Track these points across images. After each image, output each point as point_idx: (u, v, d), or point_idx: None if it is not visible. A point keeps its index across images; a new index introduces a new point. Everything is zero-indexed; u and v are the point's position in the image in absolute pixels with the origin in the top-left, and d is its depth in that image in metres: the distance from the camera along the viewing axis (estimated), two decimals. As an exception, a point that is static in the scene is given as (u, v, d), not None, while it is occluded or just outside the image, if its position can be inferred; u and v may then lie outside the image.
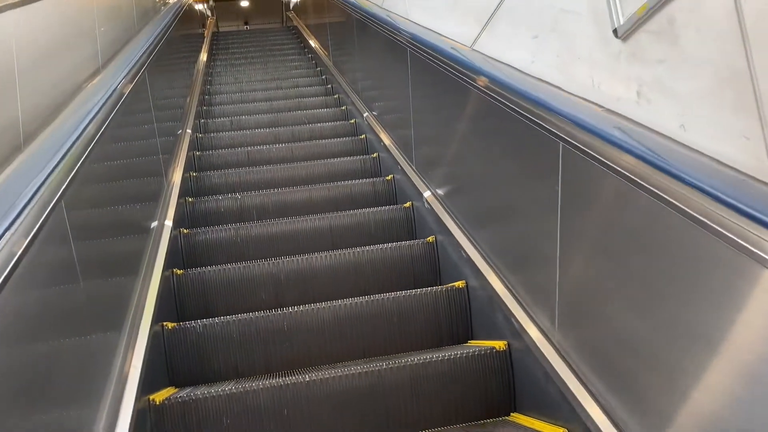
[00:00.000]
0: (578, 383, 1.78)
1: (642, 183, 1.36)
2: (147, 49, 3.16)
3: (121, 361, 1.90)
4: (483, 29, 2.39)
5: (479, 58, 2.36)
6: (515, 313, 2.16)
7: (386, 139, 4.04)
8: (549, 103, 1.79)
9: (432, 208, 3.07)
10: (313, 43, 8.04)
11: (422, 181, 3.31)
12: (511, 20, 2.22)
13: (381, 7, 3.97)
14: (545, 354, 1.94)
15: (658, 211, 1.31)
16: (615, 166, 1.46)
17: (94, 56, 2.54)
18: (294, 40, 9.75)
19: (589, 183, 1.64)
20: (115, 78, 2.43)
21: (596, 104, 1.61)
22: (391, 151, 3.86)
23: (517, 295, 2.20)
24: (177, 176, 3.55)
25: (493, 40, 2.34)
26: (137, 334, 2.10)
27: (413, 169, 3.46)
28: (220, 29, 11.59)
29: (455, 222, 2.82)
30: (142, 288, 2.34)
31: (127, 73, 2.58)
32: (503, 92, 2.07)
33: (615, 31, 1.53)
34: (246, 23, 12.27)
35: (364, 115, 4.73)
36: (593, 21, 1.65)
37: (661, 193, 1.29)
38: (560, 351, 1.89)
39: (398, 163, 3.70)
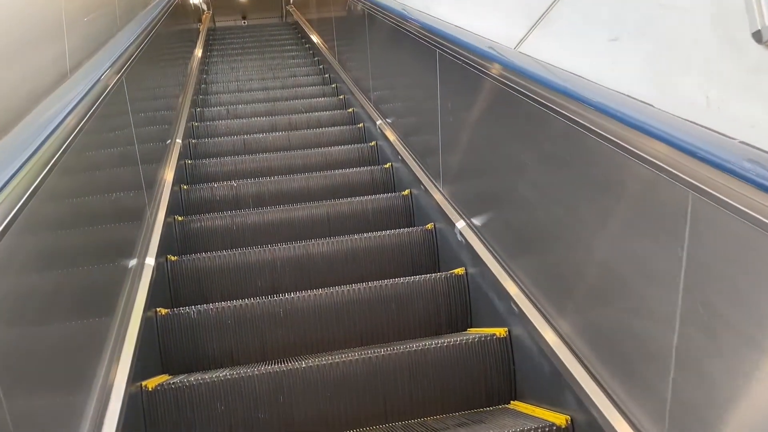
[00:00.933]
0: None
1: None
2: (127, 49, 2.70)
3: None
4: (532, 28, 1.98)
5: (539, 66, 1.87)
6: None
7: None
8: (677, 139, 1.20)
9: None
10: (315, 38, 7.42)
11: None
12: (575, 17, 1.84)
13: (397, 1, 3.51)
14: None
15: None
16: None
17: (60, 57, 2.09)
18: (294, 36, 9.05)
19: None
20: (81, 87, 1.94)
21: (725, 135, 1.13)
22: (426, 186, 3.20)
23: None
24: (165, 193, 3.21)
25: (546, 41, 1.92)
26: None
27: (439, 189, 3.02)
28: (217, 24, 11.01)
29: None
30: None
31: (98, 80, 2.10)
32: (586, 114, 1.54)
33: (757, 34, 1.14)
34: (244, 18, 11.94)
35: (378, 123, 4.13)
36: (712, 20, 1.30)
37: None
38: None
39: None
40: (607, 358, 1.63)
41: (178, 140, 3.94)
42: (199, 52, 6.82)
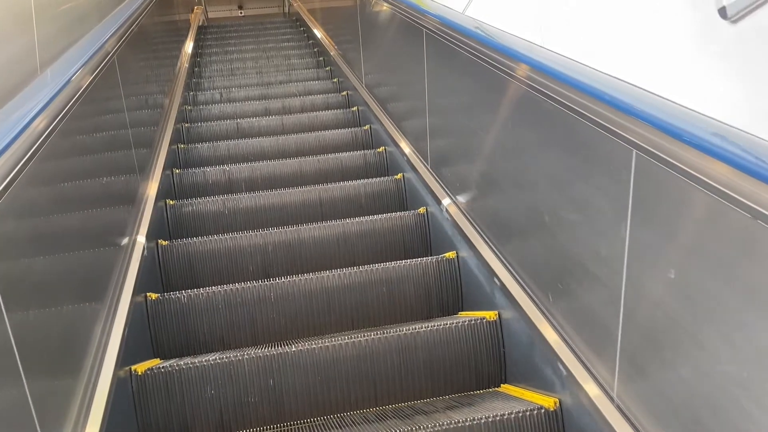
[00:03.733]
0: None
1: None
2: (99, 51, 2.33)
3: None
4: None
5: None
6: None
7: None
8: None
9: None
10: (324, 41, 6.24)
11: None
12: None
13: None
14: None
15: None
16: None
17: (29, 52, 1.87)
18: (297, 31, 7.83)
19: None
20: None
21: None
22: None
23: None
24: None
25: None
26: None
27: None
28: (210, 15, 9.79)
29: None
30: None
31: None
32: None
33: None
34: (240, 7, 10.99)
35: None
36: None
37: None
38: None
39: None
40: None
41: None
42: (189, 47, 6.00)
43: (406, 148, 3.38)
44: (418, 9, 2.88)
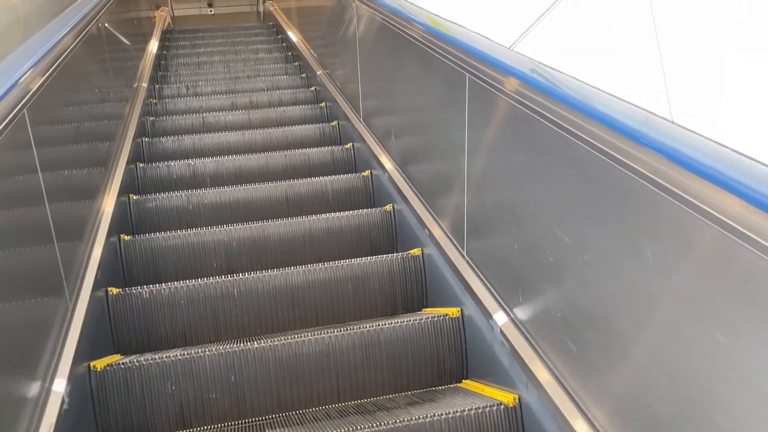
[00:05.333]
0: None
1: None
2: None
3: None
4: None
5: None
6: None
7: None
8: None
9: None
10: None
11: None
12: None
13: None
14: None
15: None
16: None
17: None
18: (274, 41, 6.92)
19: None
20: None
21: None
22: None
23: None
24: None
25: None
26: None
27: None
28: (176, 13, 8.78)
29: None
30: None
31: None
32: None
33: None
34: (210, 5, 10.15)
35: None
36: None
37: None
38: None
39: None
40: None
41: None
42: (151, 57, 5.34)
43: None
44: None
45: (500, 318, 1.91)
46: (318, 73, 4.91)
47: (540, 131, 1.56)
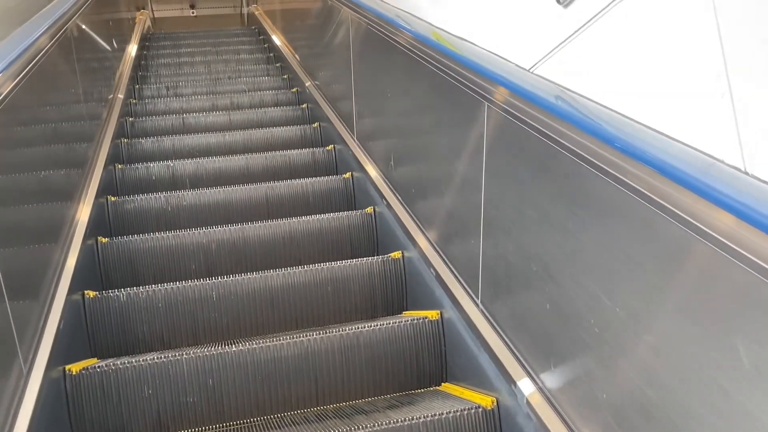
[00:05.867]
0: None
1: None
2: None
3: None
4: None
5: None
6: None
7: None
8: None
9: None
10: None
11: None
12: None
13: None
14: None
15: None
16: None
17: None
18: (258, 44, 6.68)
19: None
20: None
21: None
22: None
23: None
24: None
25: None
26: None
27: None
28: (157, 14, 8.30)
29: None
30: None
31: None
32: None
33: None
34: (192, 7, 8.95)
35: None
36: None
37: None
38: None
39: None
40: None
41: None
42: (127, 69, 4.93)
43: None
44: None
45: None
46: (306, 84, 4.63)
47: (590, 180, 1.29)
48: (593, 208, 1.33)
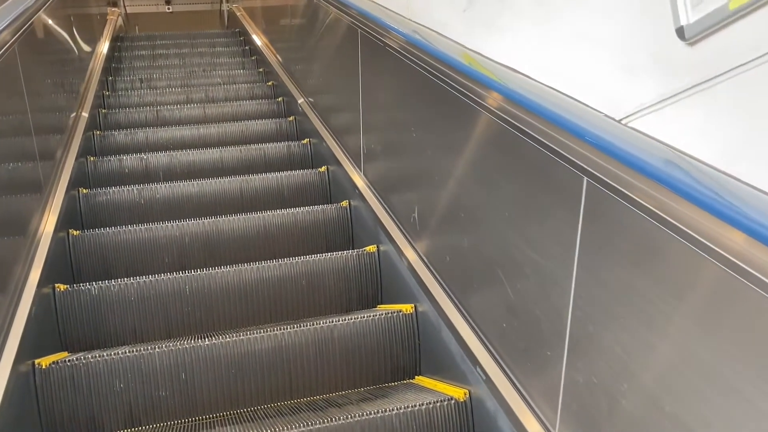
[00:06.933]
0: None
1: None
2: None
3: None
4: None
5: None
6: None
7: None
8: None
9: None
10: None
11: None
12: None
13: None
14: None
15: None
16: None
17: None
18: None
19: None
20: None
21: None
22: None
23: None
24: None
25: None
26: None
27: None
28: (130, 10, 7.85)
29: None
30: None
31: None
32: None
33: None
34: (168, 2, 8.65)
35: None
36: None
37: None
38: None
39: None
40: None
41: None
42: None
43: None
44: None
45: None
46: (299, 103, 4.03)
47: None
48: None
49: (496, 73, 1.60)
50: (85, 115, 3.73)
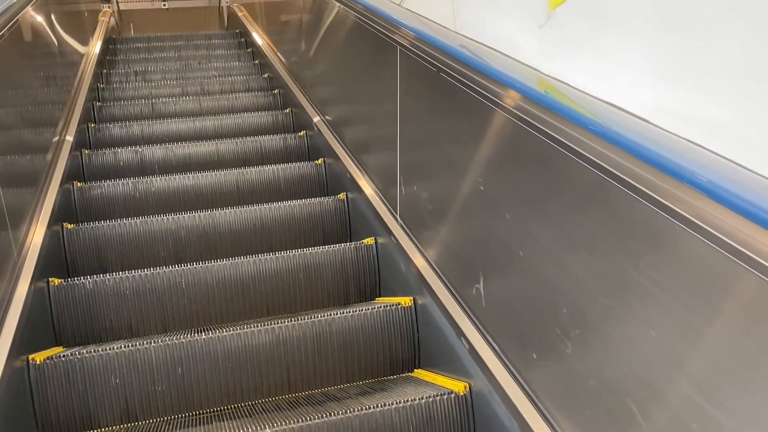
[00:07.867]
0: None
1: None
2: None
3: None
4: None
5: None
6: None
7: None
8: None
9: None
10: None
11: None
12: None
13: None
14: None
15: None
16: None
17: None
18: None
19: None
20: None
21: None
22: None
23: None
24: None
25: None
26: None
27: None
28: (123, 6, 7.64)
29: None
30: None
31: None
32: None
33: None
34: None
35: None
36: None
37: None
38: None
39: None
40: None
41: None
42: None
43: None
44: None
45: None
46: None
47: None
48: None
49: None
50: (79, 108, 3.69)
